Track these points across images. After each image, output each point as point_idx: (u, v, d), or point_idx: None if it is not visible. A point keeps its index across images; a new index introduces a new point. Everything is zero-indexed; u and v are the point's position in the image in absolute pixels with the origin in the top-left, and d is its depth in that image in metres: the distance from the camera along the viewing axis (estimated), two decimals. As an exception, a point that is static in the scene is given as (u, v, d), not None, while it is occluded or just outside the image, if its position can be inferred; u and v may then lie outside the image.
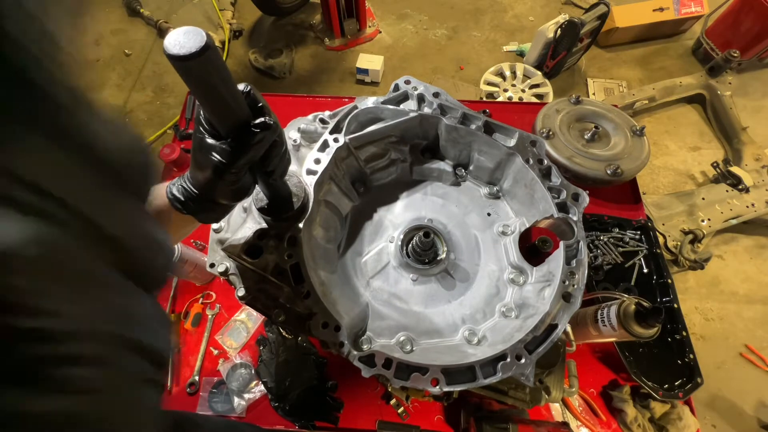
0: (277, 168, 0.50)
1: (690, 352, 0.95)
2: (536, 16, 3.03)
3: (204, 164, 0.44)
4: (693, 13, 2.68)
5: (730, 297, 2.04)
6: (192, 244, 1.13)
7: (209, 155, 0.43)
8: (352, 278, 0.82)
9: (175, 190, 0.47)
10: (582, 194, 0.77)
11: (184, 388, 0.99)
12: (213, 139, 0.43)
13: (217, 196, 0.47)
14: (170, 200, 0.47)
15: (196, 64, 0.35)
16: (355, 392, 0.97)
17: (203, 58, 0.35)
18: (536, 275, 0.78)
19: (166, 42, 0.34)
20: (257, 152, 0.44)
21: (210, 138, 0.43)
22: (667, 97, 2.49)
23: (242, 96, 0.42)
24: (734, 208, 2.02)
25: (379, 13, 3.06)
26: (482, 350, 0.67)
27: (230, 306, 1.09)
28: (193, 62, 0.34)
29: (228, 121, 0.43)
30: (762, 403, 1.78)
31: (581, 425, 0.95)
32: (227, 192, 0.47)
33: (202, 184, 0.46)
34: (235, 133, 0.43)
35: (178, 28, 0.35)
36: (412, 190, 0.93)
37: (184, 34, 0.34)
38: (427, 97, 0.85)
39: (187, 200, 0.47)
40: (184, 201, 0.47)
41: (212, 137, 0.43)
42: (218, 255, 0.70)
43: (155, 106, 2.71)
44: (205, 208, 0.48)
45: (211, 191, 0.46)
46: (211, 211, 0.49)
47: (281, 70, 2.74)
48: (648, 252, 1.09)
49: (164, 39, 0.34)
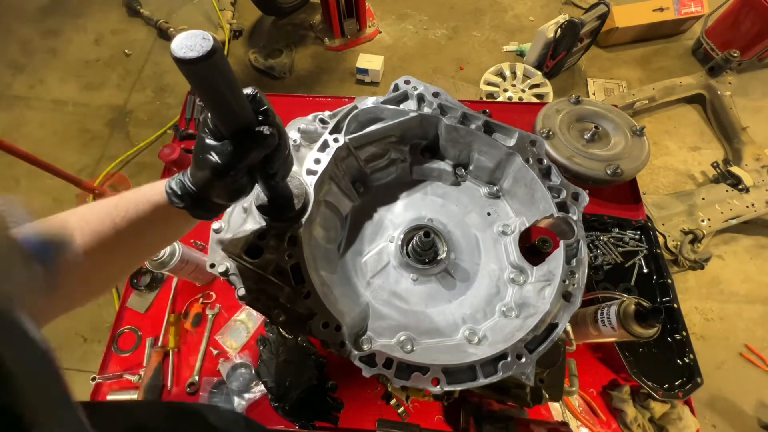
0: (279, 171, 0.50)
1: (690, 352, 0.95)
2: (536, 16, 3.03)
3: (203, 164, 0.44)
4: (693, 13, 2.68)
5: (730, 297, 2.04)
6: (192, 244, 1.13)
7: (209, 155, 0.43)
8: (353, 278, 0.82)
9: (174, 184, 0.48)
10: (582, 193, 0.77)
11: (184, 388, 0.99)
12: (214, 140, 0.43)
13: (214, 195, 0.48)
14: (168, 194, 0.47)
15: (203, 68, 0.35)
16: (355, 392, 0.97)
17: (210, 62, 0.35)
18: (536, 275, 0.78)
19: (173, 45, 0.34)
20: (257, 156, 0.45)
21: (211, 138, 0.43)
22: (667, 97, 2.49)
23: (247, 100, 0.43)
24: (734, 208, 2.02)
25: (379, 13, 3.06)
26: (483, 350, 0.67)
27: (230, 306, 1.09)
28: (199, 66, 0.35)
29: (231, 123, 0.43)
30: (762, 403, 1.78)
31: (581, 425, 0.95)
32: (223, 192, 0.48)
33: (200, 183, 0.46)
34: (237, 136, 0.43)
35: (186, 31, 0.35)
36: (412, 190, 0.93)
37: (191, 38, 0.35)
38: (427, 97, 0.85)
39: (184, 195, 0.47)
40: (181, 195, 0.47)
41: (214, 138, 0.43)
42: (218, 255, 0.70)
43: (155, 106, 2.71)
44: (201, 206, 0.49)
45: (207, 190, 0.47)
46: (206, 209, 0.50)
47: (281, 70, 2.74)
48: (648, 252, 1.09)
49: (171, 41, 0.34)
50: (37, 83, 2.81)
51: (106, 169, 2.40)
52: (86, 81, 2.82)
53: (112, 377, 1.01)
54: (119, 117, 2.66)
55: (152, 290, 1.11)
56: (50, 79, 2.83)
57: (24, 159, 1.80)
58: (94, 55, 2.93)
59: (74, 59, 2.91)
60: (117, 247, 0.47)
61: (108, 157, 2.49)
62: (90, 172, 2.44)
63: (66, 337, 1.99)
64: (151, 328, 1.07)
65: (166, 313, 1.07)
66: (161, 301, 1.10)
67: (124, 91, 2.76)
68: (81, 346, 1.99)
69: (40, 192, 2.38)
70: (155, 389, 0.97)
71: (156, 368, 0.99)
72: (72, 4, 3.17)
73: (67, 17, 3.10)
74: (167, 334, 1.05)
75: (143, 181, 2.37)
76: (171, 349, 1.03)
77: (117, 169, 2.43)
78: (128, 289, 1.11)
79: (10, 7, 3.15)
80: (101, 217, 0.46)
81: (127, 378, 1.00)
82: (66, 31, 3.04)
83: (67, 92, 2.77)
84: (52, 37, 3.01)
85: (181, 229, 0.56)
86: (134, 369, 1.02)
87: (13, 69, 2.87)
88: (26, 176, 2.42)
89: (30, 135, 2.60)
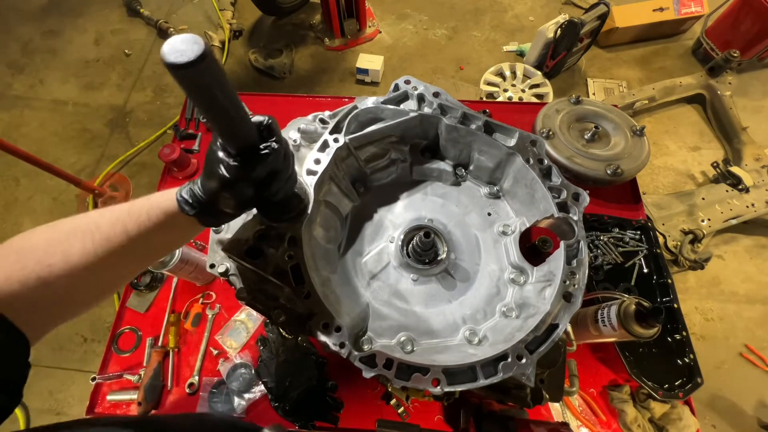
0: (279, 192, 0.53)
1: (690, 352, 0.95)
2: (536, 16, 3.03)
3: (213, 176, 0.47)
4: (693, 13, 2.68)
5: (730, 297, 2.04)
6: (192, 244, 1.13)
7: (218, 168, 0.46)
8: (353, 278, 0.82)
9: (185, 192, 0.50)
10: (582, 194, 0.77)
11: (184, 388, 0.99)
12: (224, 154, 0.46)
13: (222, 205, 0.50)
14: (178, 201, 0.50)
15: (193, 73, 0.34)
16: (355, 392, 0.97)
17: (200, 67, 0.34)
18: (537, 275, 0.78)
19: (164, 49, 0.34)
20: (261, 173, 0.48)
21: (222, 152, 0.46)
22: (667, 97, 2.49)
23: (244, 109, 0.43)
24: (734, 208, 2.02)
25: (379, 13, 3.06)
26: (483, 350, 0.67)
27: (230, 306, 1.09)
28: (189, 71, 0.34)
29: (233, 137, 0.44)
30: (762, 403, 1.78)
31: (581, 425, 0.95)
32: (231, 203, 0.50)
33: (209, 192, 0.49)
34: (244, 153, 0.46)
35: (177, 35, 0.34)
36: (413, 190, 0.93)
37: (182, 42, 0.34)
38: (427, 97, 0.84)
39: (195, 203, 0.49)
40: (192, 203, 0.49)
41: (224, 152, 0.46)
42: (218, 256, 0.70)
43: (155, 106, 2.70)
44: (209, 213, 0.51)
45: (215, 200, 0.49)
46: (214, 216, 0.53)
47: (281, 70, 2.74)
48: (648, 252, 1.09)
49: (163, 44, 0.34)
50: (37, 83, 2.81)
51: (106, 169, 2.39)
52: (86, 81, 2.81)
53: (112, 377, 1.01)
54: (119, 117, 2.66)
55: (152, 290, 1.11)
56: (50, 79, 2.83)
57: (24, 159, 1.79)
58: (94, 55, 2.93)
59: (74, 59, 2.91)
60: (127, 251, 0.49)
61: (108, 157, 2.49)
62: (90, 172, 2.44)
63: (66, 337, 1.99)
64: (151, 328, 1.07)
65: (166, 313, 1.07)
66: (161, 301, 1.10)
67: (124, 91, 2.76)
68: (81, 346, 1.99)
69: (40, 192, 2.39)
70: (155, 389, 0.97)
71: (156, 368, 0.99)
72: (72, 4, 3.17)
73: (67, 17, 3.10)
74: (167, 334, 1.05)
75: (143, 181, 2.37)
76: (171, 349, 1.03)
77: (117, 169, 2.42)
78: (128, 289, 1.11)
79: (10, 7, 3.15)
80: (113, 223, 0.48)
81: (127, 378, 1.00)
82: (66, 31, 3.04)
83: (67, 92, 2.77)
84: (52, 37, 3.01)
85: (189, 235, 0.58)
86: (134, 369, 1.02)
87: (13, 69, 2.87)
88: (26, 176, 2.42)
89: (30, 135, 2.60)
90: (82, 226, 0.47)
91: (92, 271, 0.46)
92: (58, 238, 0.46)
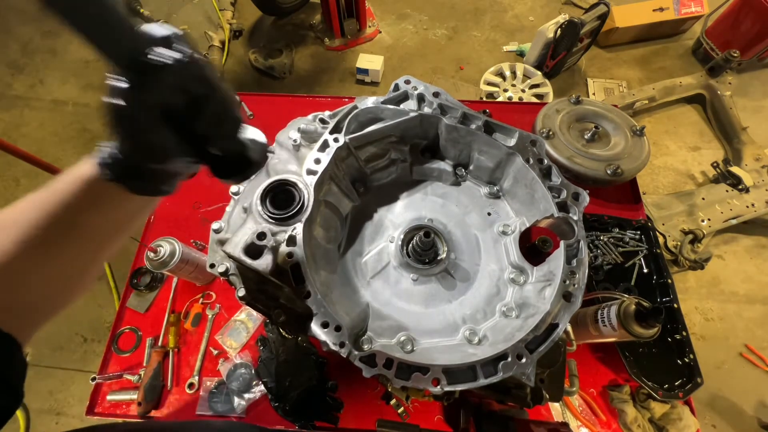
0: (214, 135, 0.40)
1: (690, 352, 0.95)
2: (536, 16, 3.03)
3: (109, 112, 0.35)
4: (693, 13, 2.68)
5: (730, 297, 2.04)
6: (192, 244, 1.13)
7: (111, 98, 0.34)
8: (353, 278, 0.82)
9: (103, 152, 0.39)
10: (582, 194, 0.77)
11: (184, 388, 0.99)
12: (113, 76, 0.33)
13: (140, 156, 0.38)
14: (99, 166, 0.40)
15: None
16: (355, 392, 0.97)
17: None
18: (537, 275, 0.78)
19: None
20: (163, 94, 0.34)
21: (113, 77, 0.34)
22: (667, 97, 2.49)
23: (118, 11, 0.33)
24: (734, 208, 2.02)
25: (379, 13, 3.06)
26: (483, 350, 0.67)
27: (230, 306, 1.09)
28: None
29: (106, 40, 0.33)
30: (762, 403, 1.78)
31: (581, 425, 0.95)
32: (142, 148, 0.37)
33: (120, 140, 0.37)
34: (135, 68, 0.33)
35: None
36: (412, 190, 0.93)
37: None
38: (427, 96, 0.84)
39: (112, 163, 0.39)
40: (109, 164, 0.39)
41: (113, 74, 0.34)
42: (218, 255, 0.70)
43: (155, 106, 2.70)
44: (133, 174, 0.40)
45: (130, 150, 0.38)
46: (140, 177, 0.41)
47: (281, 70, 2.74)
48: (648, 252, 1.09)
49: None
50: (37, 83, 2.81)
51: (106, 169, 2.39)
52: (86, 81, 2.81)
53: (112, 377, 1.01)
54: (119, 117, 2.66)
55: (152, 290, 1.11)
56: (50, 79, 2.83)
57: (24, 159, 1.78)
58: (94, 55, 2.92)
59: (74, 59, 2.91)
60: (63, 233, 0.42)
61: (108, 157, 2.49)
62: (90, 172, 2.44)
63: (66, 337, 1.99)
64: (151, 328, 1.07)
65: (166, 313, 1.07)
66: (161, 301, 1.10)
67: (124, 91, 2.76)
68: (81, 345, 1.99)
69: (40, 192, 2.38)
70: (155, 389, 0.97)
71: (156, 368, 0.99)
72: (72, 4, 3.17)
73: (67, 17, 3.10)
74: (167, 334, 1.05)
75: (143, 181, 2.37)
76: (171, 349, 1.03)
77: (117, 169, 2.43)
78: (128, 289, 1.11)
79: (10, 7, 3.15)
80: (36, 206, 0.41)
81: (127, 378, 1.00)
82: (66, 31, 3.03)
83: (67, 92, 2.77)
84: (52, 37, 3.01)
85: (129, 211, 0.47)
86: (134, 369, 1.02)
87: (13, 69, 2.87)
88: (26, 176, 2.42)
89: (30, 135, 2.60)
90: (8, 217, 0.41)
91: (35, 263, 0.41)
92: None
